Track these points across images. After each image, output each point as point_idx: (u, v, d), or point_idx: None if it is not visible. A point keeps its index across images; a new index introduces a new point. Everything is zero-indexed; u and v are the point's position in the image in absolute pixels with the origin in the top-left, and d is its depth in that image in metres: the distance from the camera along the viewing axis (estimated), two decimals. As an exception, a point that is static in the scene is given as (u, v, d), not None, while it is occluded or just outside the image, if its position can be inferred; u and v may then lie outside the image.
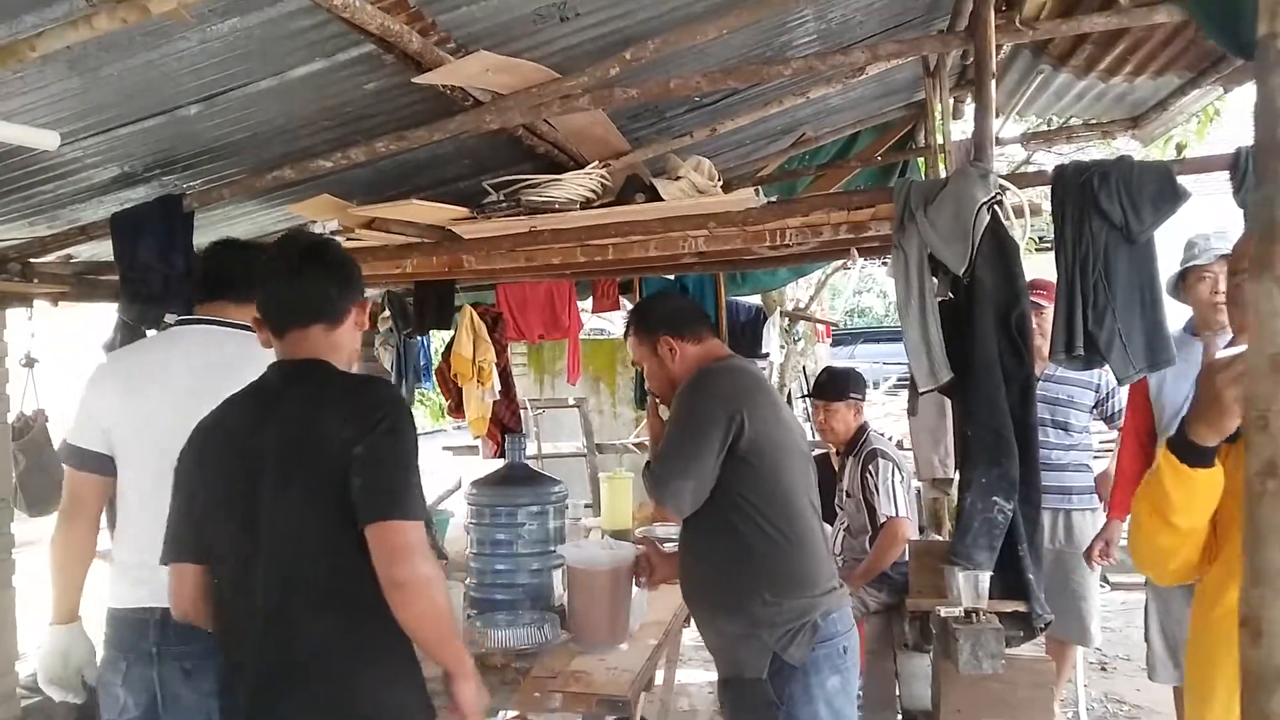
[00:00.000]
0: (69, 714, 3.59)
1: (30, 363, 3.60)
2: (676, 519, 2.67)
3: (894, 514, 4.34)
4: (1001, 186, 3.01)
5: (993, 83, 3.08)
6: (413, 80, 2.72)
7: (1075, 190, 3.05)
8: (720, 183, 3.45)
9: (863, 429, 4.68)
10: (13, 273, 3.27)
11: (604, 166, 3.93)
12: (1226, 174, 2.98)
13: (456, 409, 6.27)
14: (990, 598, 2.92)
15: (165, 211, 3.41)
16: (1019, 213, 3.06)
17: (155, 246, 3.39)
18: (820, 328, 8.70)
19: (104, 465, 2.54)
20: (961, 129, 8.22)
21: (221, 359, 2.49)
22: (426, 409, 8.71)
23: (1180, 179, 2.99)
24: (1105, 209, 2.99)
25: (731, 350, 3.37)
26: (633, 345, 2.91)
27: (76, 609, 2.60)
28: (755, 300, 7.67)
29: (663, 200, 3.30)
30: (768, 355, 7.65)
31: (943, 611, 2.97)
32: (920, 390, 3.06)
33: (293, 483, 1.96)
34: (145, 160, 3.27)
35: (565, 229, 3.45)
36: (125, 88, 2.71)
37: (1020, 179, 3.18)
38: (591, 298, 6.60)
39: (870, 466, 4.46)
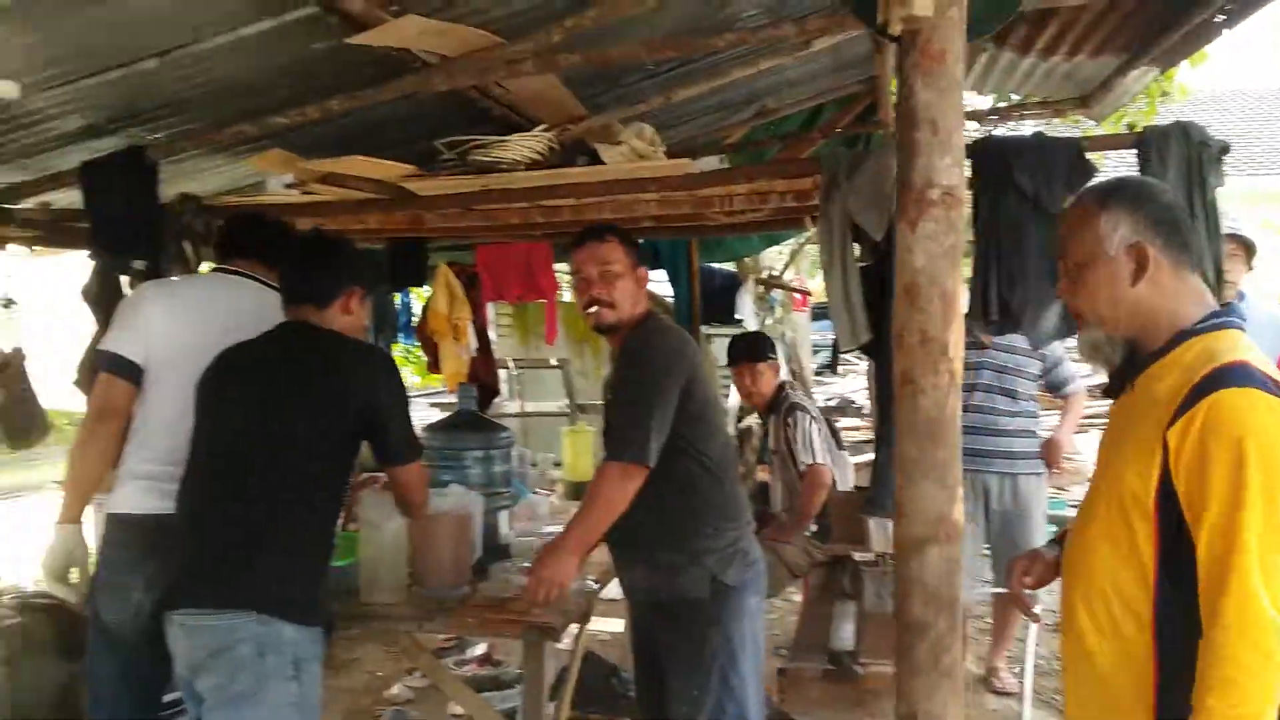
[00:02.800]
0: (49, 630, 3.81)
1: (8, 304, 3.77)
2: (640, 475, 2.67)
3: (812, 461, 4.51)
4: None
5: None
6: (344, 41, 2.86)
7: (992, 163, 3.19)
8: (662, 149, 3.59)
9: (780, 387, 4.88)
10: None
11: (560, 130, 4.08)
12: (1135, 153, 3.12)
13: (434, 365, 6.44)
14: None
15: (130, 162, 3.56)
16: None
17: (121, 196, 3.55)
18: (797, 296, 8.85)
19: (138, 375, 2.77)
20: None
21: (249, 307, 2.81)
22: (413, 366, 8.89)
23: (1091, 155, 3.14)
24: (1019, 182, 3.14)
25: (707, 316, 3.57)
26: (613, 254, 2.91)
27: (83, 512, 2.78)
28: (730, 268, 7.81)
29: (604, 164, 3.44)
30: (741, 322, 7.81)
31: (856, 556, 3.16)
32: (841, 350, 3.22)
33: (290, 394, 2.45)
34: (109, 112, 3.42)
35: (514, 189, 3.60)
36: (83, 41, 2.87)
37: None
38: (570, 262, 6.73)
39: (789, 419, 4.65)
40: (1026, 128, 6.04)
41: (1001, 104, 5.90)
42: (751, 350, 4.90)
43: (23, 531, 3.03)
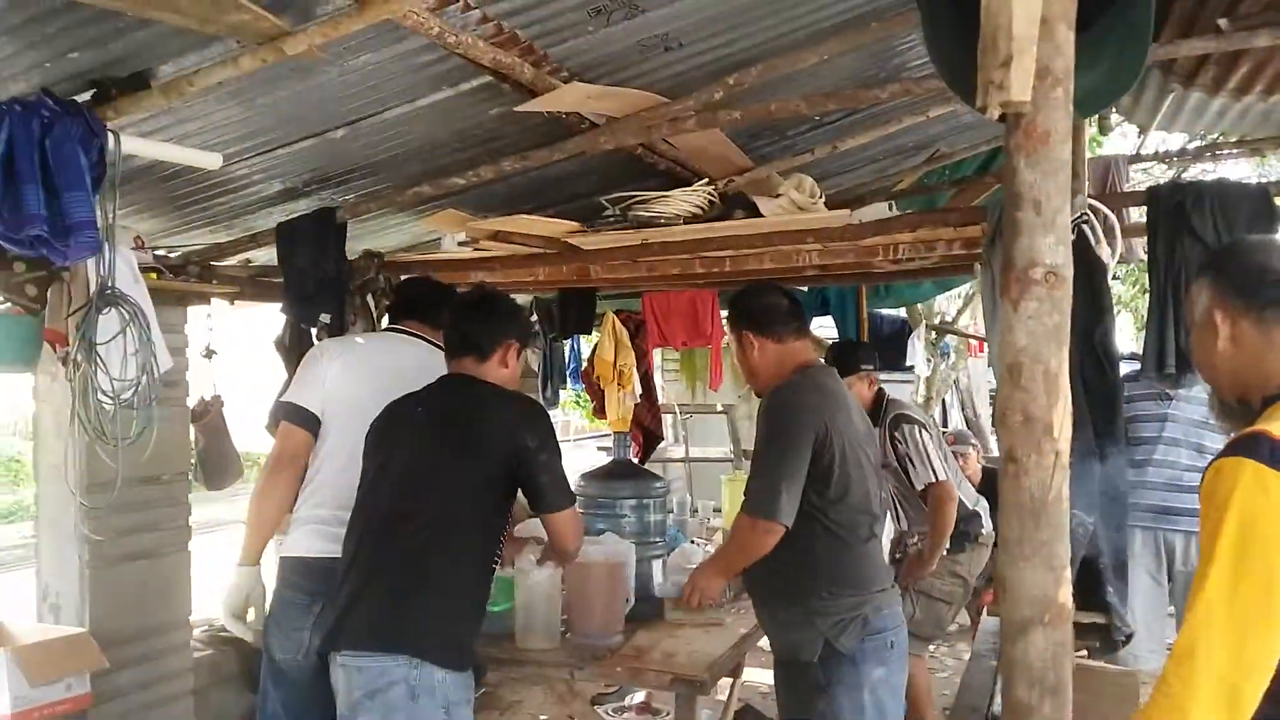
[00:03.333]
0: (235, 664, 4.08)
1: (209, 354, 4.09)
2: (770, 530, 2.68)
3: (933, 479, 4.26)
4: (1091, 208, 3.05)
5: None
6: (514, 109, 3.00)
7: (1169, 210, 3.06)
8: (822, 199, 3.59)
9: (880, 395, 4.53)
10: (191, 274, 3.75)
11: (725, 182, 4.14)
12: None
13: (600, 410, 6.58)
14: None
15: (320, 222, 3.83)
16: (1109, 233, 3.09)
17: (311, 253, 3.82)
18: (973, 343, 8.60)
19: (314, 425, 2.97)
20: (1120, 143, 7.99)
21: (415, 363, 2.96)
22: (582, 410, 9.07)
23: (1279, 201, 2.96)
24: (1197, 228, 2.99)
25: (877, 363, 3.48)
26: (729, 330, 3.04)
27: (261, 554, 2.98)
28: (900, 313, 7.67)
29: (761, 216, 3.47)
30: (912, 369, 7.65)
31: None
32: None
33: (447, 444, 2.57)
34: (304, 177, 3.70)
35: (673, 241, 3.67)
36: (280, 115, 3.12)
37: (1112, 199, 3.20)
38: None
39: (896, 434, 4.36)
40: (1224, 169, 5.73)
41: (1193, 144, 5.61)
42: (839, 363, 4.56)
43: (216, 565, 3.27)
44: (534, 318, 6.15)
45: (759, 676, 5.03)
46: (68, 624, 3.41)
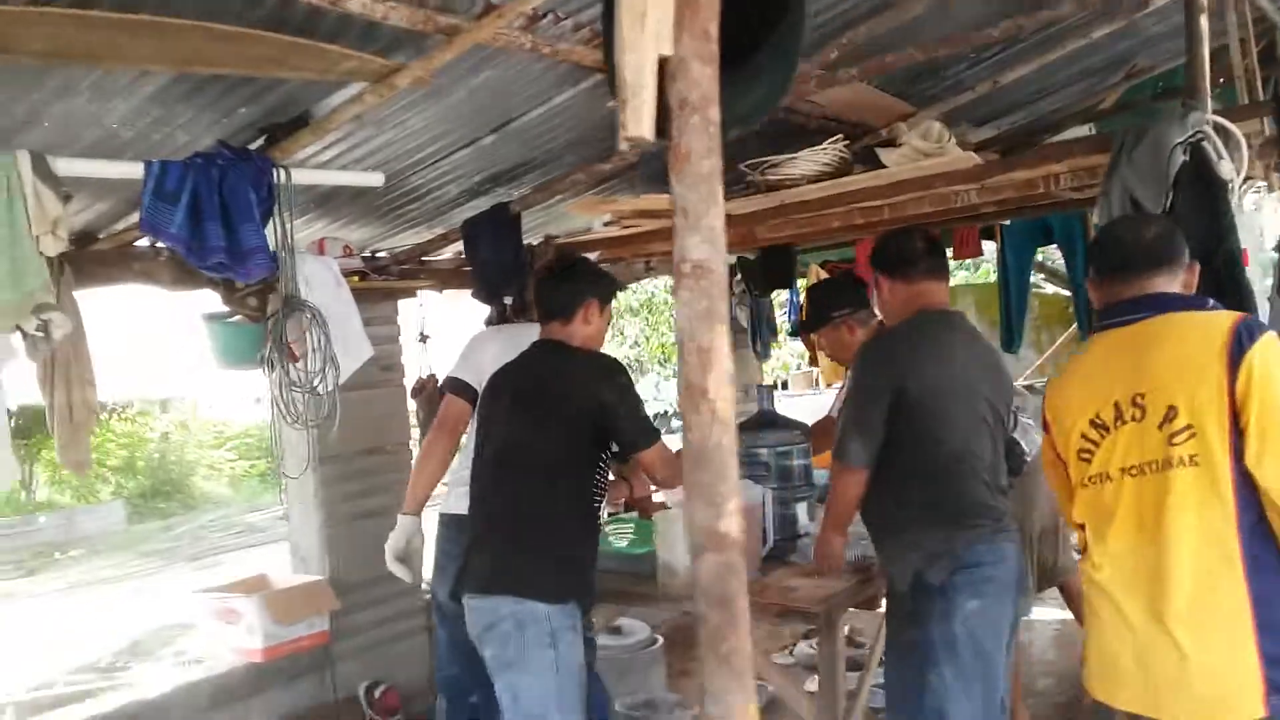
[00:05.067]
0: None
1: (424, 338, 4.69)
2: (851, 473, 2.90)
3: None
4: (1214, 123, 2.92)
5: (1203, 14, 2.97)
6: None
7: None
8: (951, 142, 3.59)
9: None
10: (393, 273, 4.33)
11: (886, 127, 4.20)
12: None
13: (813, 359, 6.74)
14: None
15: (496, 216, 4.28)
16: (1235, 149, 2.94)
17: (491, 243, 4.28)
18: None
19: (472, 397, 3.44)
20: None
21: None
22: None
23: None
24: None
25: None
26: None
27: (424, 505, 3.44)
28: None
29: (884, 167, 3.55)
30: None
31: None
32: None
33: (533, 407, 2.88)
34: (475, 179, 4.15)
35: (807, 200, 3.81)
36: (432, 132, 3.57)
37: (1237, 112, 3.03)
38: (952, 246, 6.69)
39: None
40: None
41: None
42: (802, 325, 4.41)
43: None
44: (738, 277, 6.38)
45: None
46: (313, 575, 4.11)
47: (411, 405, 4.65)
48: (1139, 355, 2.10)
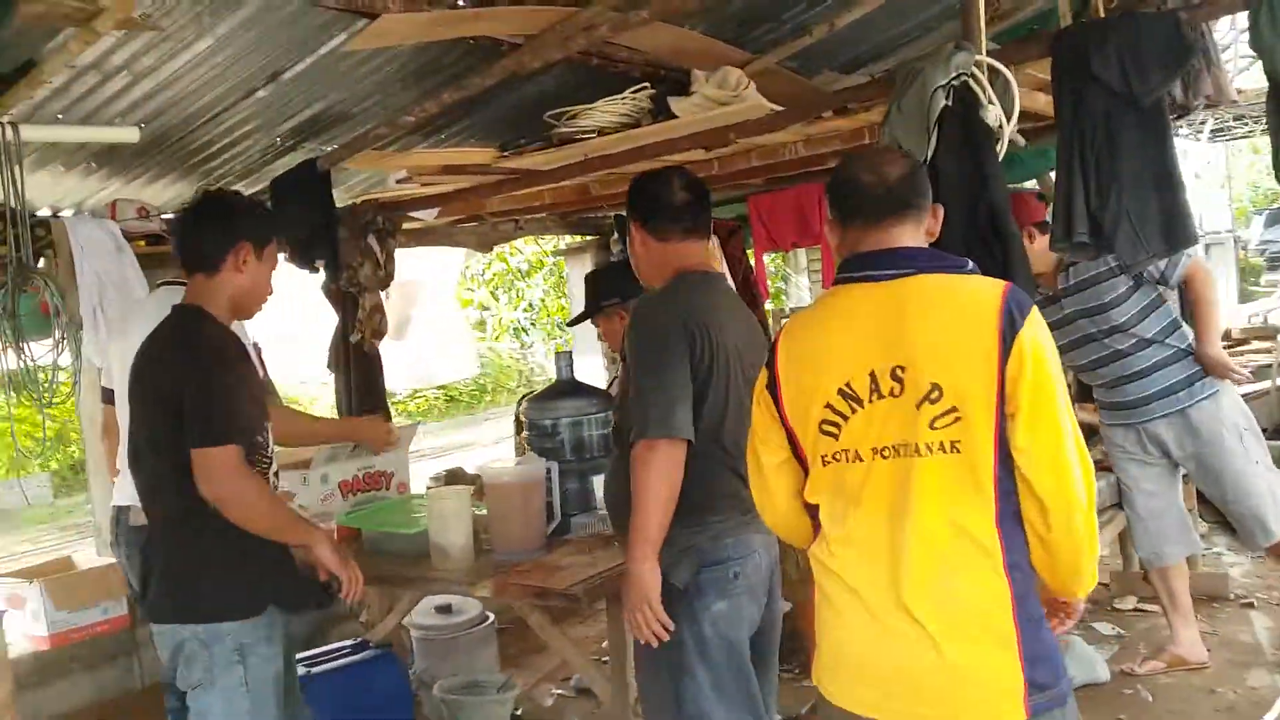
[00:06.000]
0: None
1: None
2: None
3: None
4: (980, 64, 2.73)
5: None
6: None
7: (1070, 56, 2.68)
8: (748, 89, 3.37)
9: None
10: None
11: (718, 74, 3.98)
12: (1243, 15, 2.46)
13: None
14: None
15: (302, 173, 4.07)
16: (1005, 92, 2.74)
17: (298, 203, 4.07)
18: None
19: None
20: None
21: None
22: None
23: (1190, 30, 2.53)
24: (1099, 73, 2.61)
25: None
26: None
27: None
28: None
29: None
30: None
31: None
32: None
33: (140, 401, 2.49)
34: (278, 133, 3.94)
35: (609, 154, 3.61)
36: (201, 81, 3.35)
37: (1010, 52, 2.84)
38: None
39: None
40: None
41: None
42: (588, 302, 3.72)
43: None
44: (615, 235, 6.19)
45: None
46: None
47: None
48: (899, 321, 1.83)
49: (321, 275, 4.58)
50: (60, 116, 3.38)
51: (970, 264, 1.93)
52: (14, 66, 2.97)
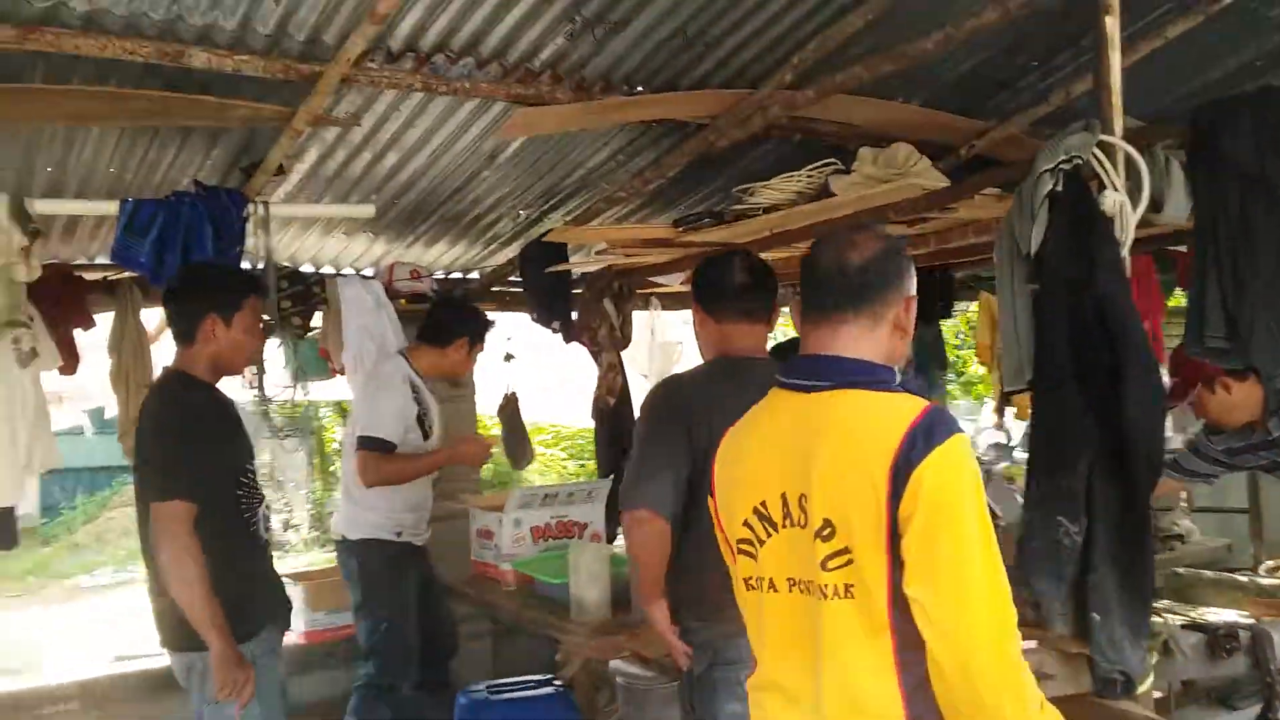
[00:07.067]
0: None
1: (508, 358, 4.97)
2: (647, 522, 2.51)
3: None
4: (1104, 145, 2.46)
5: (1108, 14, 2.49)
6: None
7: (1202, 135, 2.36)
8: (917, 165, 3.24)
9: None
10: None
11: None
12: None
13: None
14: (1058, 632, 2.48)
15: (543, 243, 4.46)
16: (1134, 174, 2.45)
17: (537, 268, 4.48)
18: None
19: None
20: None
21: None
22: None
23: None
24: (1230, 153, 2.27)
25: None
26: None
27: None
28: None
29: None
30: None
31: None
32: (1005, 390, 2.67)
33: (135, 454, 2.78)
34: (525, 204, 4.37)
35: (789, 230, 3.63)
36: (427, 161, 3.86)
37: (1142, 135, 2.52)
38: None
39: None
40: None
41: None
42: None
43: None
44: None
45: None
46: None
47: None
48: (809, 442, 1.64)
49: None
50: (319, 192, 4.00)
51: (900, 379, 1.70)
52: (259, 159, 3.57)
